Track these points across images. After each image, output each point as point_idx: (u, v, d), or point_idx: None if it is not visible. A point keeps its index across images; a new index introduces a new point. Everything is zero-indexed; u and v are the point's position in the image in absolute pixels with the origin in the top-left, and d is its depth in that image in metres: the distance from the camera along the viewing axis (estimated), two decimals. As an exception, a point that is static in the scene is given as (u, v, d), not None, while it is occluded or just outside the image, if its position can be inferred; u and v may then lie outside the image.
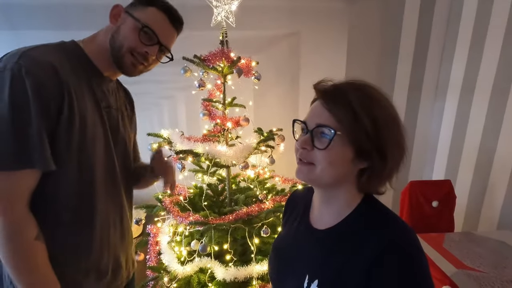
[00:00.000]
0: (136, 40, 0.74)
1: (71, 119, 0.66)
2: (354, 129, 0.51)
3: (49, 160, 0.63)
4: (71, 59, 0.71)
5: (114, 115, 0.80)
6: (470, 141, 2.21)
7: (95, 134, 0.72)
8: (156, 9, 0.76)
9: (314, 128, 0.54)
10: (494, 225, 2.02)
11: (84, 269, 0.73)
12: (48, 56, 0.66)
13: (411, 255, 0.49)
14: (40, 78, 0.62)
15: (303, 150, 0.55)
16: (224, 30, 1.50)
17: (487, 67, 2.05)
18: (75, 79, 0.69)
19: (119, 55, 0.75)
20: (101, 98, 0.76)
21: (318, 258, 0.57)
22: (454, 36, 2.31)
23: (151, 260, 1.54)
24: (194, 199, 1.68)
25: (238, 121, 1.51)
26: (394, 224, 0.53)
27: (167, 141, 1.51)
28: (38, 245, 0.65)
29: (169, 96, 2.66)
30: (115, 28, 0.75)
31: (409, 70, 2.49)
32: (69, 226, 0.70)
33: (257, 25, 2.22)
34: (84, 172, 0.71)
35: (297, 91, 2.48)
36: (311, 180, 0.56)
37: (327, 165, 0.53)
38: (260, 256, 1.43)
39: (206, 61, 1.44)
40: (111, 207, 0.78)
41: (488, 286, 1.20)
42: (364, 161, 0.54)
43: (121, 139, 0.83)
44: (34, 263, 0.64)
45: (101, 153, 0.74)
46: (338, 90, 0.55)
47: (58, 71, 0.65)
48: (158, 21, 0.76)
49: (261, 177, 1.81)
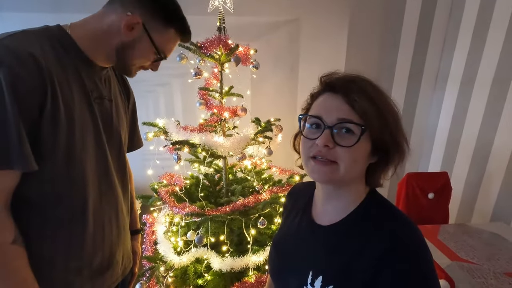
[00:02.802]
0: (148, 62, 0.75)
1: (55, 113, 0.62)
2: (379, 124, 0.50)
3: (29, 160, 0.59)
4: (55, 47, 0.65)
5: (106, 106, 0.76)
6: (468, 133, 2.20)
7: (84, 127, 0.68)
8: (174, 31, 0.74)
9: (336, 123, 0.51)
10: (488, 217, 2.04)
11: (76, 268, 0.71)
12: (26, 44, 0.59)
13: (417, 251, 0.49)
14: (15, 70, 0.55)
15: (323, 148, 0.51)
16: (222, 15, 1.44)
17: (489, 58, 2.02)
18: (59, 69, 0.63)
19: (128, 69, 0.75)
20: (91, 89, 0.71)
21: (322, 254, 0.56)
22: (457, 25, 2.26)
23: (147, 250, 1.53)
24: (191, 189, 1.66)
25: (235, 111, 1.47)
26: (399, 220, 0.53)
27: (163, 131, 1.48)
28: (15, 249, 0.61)
29: (164, 83, 2.60)
30: (129, 41, 0.70)
31: (410, 58, 2.44)
32: (58, 224, 0.67)
33: (255, 11, 2.15)
34: (73, 168, 0.67)
35: (295, 80, 2.44)
36: (333, 179, 0.53)
37: (352, 163, 0.51)
38: (256, 247, 1.43)
39: (202, 49, 1.39)
40: (105, 203, 0.75)
41: (482, 278, 1.22)
42: (376, 155, 0.54)
43: (115, 131, 0.78)
44: (12, 268, 0.61)
45: (91, 147, 0.71)
46: (354, 84, 0.53)
47: (38, 61, 0.59)
48: (173, 43, 0.76)
49: (258, 167, 1.79)
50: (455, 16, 2.27)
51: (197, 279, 1.44)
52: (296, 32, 2.33)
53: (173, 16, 0.72)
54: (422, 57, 2.43)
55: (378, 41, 2.37)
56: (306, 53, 2.36)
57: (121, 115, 0.82)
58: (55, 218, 0.67)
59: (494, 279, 1.22)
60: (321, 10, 2.25)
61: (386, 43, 2.39)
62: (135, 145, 0.99)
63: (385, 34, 2.36)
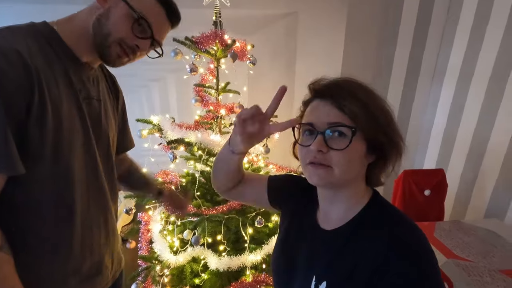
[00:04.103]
0: (127, 30, 0.65)
1: (43, 112, 0.59)
2: (370, 124, 0.51)
3: (16, 163, 0.56)
4: (41, 44, 0.61)
5: (95, 106, 0.72)
6: (464, 129, 2.20)
7: (72, 128, 0.65)
8: (155, 0, 0.68)
9: (326, 128, 0.52)
10: (482, 213, 2.06)
11: (64, 274, 0.68)
12: (11, 41, 0.56)
13: (420, 255, 0.48)
14: (1, 68, 0.53)
15: (318, 153, 0.52)
16: (218, 9, 1.39)
17: (487, 54, 2.01)
18: (46, 67, 0.60)
19: (105, 44, 0.66)
20: (79, 88, 0.67)
21: (325, 259, 0.55)
22: (455, 20, 2.24)
23: (143, 248, 1.51)
24: (187, 186, 1.64)
25: (232, 107, 1.44)
26: (403, 224, 0.53)
27: (158, 128, 1.44)
28: (2, 257, 0.58)
29: (158, 78, 2.54)
30: (102, 11, 0.65)
31: (408, 53, 2.43)
32: (44, 228, 0.64)
33: (252, 4, 2.09)
34: (61, 171, 0.64)
35: (293, 75, 2.40)
36: (330, 183, 0.54)
37: (346, 164, 0.52)
38: (253, 245, 1.42)
39: (198, 44, 1.35)
40: (93, 206, 0.73)
41: (477, 276, 1.23)
42: (373, 154, 0.54)
43: (104, 133, 0.75)
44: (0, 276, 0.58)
45: (79, 147, 0.67)
46: (342, 87, 0.54)
47: (24, 58, 0.56)
48: (155, 13, 0.68)
49: (255, 165, 1.77)
50: (454, 10, 2.25)
51: (194, 278, 1.42)
52: (293, 26, 2.28)
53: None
54: (420, 52, 2.42)
55: (376, 36, 2.34)
56: (304, 47, 2.33)
57: (109, 116, 0.79)
58: (41, 222, 0.64)
59: (489, 277, 1.23)
60: (319, 4, 2.20)
61: (384, 38, 2.36)
62: (126, 146, 0.95)
63: (383, 28, 2.33)
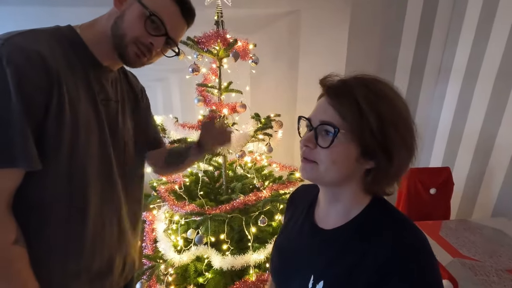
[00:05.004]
0: (141, 29, 0.66)
1: (61, 113, 0.61)
2: (359, 126, 0.49)
3: (34, 158, 0.58)
4: (64, 47, 0.64)
5: (113, 108, 0.74)
6: (470, 127, 2.17)
7: (89, 128, 0.67)
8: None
9: (318, 125, 0.52)
10: (489, 212, 2.03)
11: (74, 271, 0.70)
12: (35, 43, 0.59)
13: (420, 259, 0.47)
14: (22, 68, 0.55)
15: (306, 148, 0.53)
16: (220, 9, 1.40)
17: (493, 51, 1.97)
18: (67, 69, 0.63)
19: (122, 45, 0.68)
20: (98, 91, 0.70)
21: (323, 259, 0.55)
22: (460, 17, 2.20)
23: (147, 248, 1.53)
24: (190, 186, 1.65)
25: (234, 107, 1.45)
26: (402, 225, 0.52)
27: (161, 128, 1.45)
28: (17, 250, 0.60)
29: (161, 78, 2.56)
30: (119, 13, 0.67)
31: (412, 51, 2.40)
32: (57, 225, 0.66)
33: (254, 3, 2.09)
34: (76, 170, 0.66)
35: (296, 74, 2.39)
36: (314, 178, 0.55)
37: (330, 164, 0.51)
38: (257, 244, 1.43)
39: (200, 44, 1.35)
40: (105, 206, 0.74)
41: (484, 275, 1.21)
42: (370, 160, 0.52)
43: (120, 134, 0.77)
44: (13, 269, 0.60)
45: (95, 148, 0.69)
46: (344, 86, 0.52)
47: (46, 60, 0.58)
48: (169, 11, 0.69)
49: (258, 164, 1.77)
50: (459, 7, 2.21)
51: (198, 277, 1.43)
52: (296, 24, 2.27)
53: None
54: (424, 50, 2.39)
55: (380, 34, 2.32)
56: (307, 46, 2.31)
57: (126, 119, 0.81)
58: (54, 219, 0.66)
59: (496, 276, 1.21)
60: (322, 2, 2.19)
61: (388, 36, 2.34)
62: (153, 145, 0.94)
63: (387, 26, 2.31)
